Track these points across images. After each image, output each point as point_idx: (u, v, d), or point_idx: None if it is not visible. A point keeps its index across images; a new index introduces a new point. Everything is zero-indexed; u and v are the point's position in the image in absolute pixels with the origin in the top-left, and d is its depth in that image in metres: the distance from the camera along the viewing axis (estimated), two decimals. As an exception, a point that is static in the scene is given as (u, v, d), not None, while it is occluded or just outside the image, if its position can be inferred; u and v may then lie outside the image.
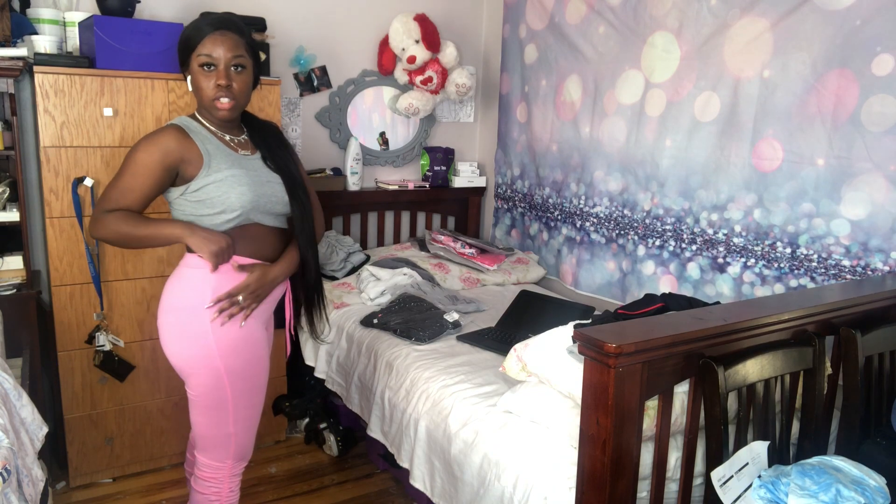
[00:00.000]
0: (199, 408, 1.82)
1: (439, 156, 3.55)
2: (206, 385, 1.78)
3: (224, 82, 1.71)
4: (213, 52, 1.70)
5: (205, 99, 1.74)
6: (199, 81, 1.72)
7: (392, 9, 3.27)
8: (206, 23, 1.73)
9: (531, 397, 1.92)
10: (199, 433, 1.85)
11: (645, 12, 2.71)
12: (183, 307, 1.76)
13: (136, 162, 1.69)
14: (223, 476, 1.86)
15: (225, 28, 1.72)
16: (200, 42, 1.70)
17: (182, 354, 1.78)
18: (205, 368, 1.77)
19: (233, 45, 1.72)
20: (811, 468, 1.46)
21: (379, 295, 2.88)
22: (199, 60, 1.70)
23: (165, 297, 1.82)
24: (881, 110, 2.04)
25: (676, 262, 2.71)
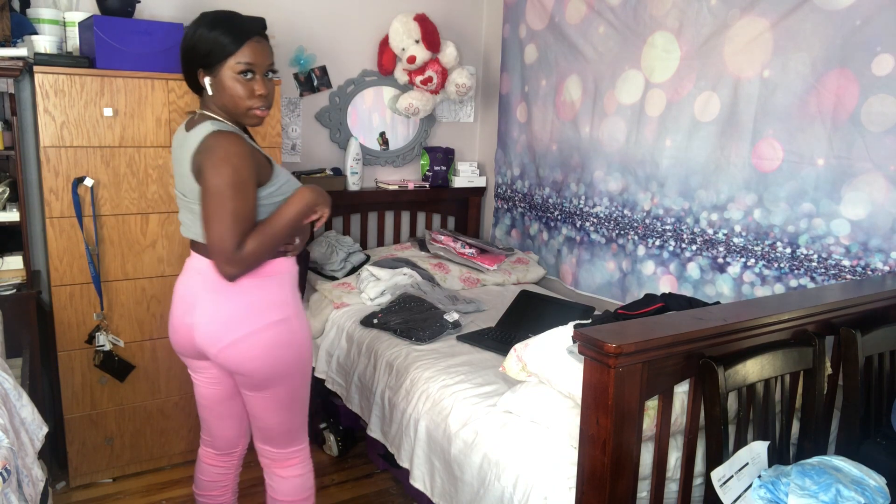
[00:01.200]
0: (287, 406, 1.83)
1: (439, 156, 3.55)
2: (297, 384, 1.82)
3: (264, 91, 1.66)
4: (253, 60, 1.64)
5: (239, 107, 1.66)
6: (234, 88, 1.64)
7: (392, 9, 3.27)
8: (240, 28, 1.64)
9: (531, 397, 1.92)
10: (286, 428, 1.86)
11: (645, 12, 2.71)
12: (276, 320, 1.73)
13: (243, 182, 1.57)
14: (308, 452, 1.94)
15: (259, 36, 1.68)
16: (240, 49, 1.62)
17: (278, 364, 1.75)
18: (298, 369, 1.80)
19: (267, 52, 1.69)
20: (811, 468, 1.46)
21: (379, 295, 2.88)
22: (238, 68, 1.63)
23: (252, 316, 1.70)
24: (881, 110, 2.04)
25: (676, 262, 2.71)
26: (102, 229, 2.46)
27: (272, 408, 1.82)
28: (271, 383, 1.77)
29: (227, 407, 1.93)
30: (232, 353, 1.71)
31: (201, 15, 1.68)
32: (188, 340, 1.77)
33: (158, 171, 2.51)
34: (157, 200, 2.52)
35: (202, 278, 1.71)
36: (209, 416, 1.96)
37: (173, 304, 1.82)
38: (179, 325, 1.78)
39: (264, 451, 1.92)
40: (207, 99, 1.70)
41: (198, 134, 1.62)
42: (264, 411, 1.82)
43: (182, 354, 1.86)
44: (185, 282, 1.79)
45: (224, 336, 1.70)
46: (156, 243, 2.55)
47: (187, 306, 1.75)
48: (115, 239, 2.48)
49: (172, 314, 1.81)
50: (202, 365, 1.85)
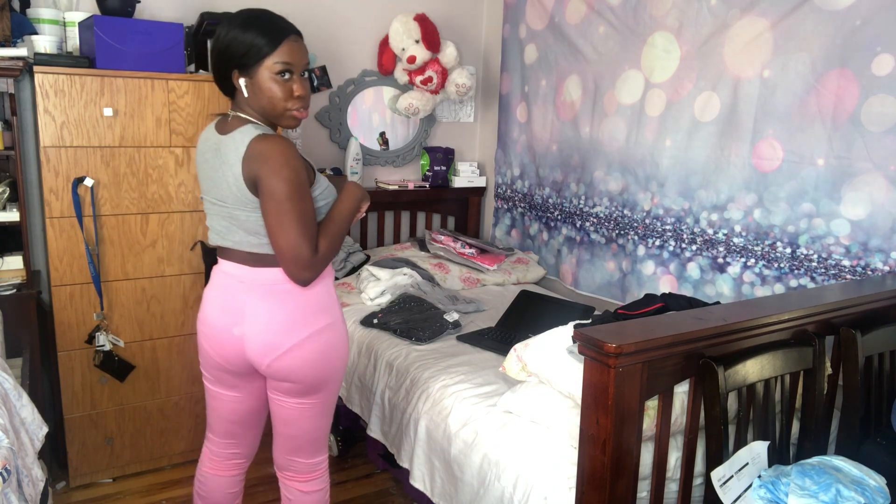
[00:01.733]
0: (326, 411, 1.79)
1: (439, 156, 3.55)
2: (337, 388, 1.79)
3: (303, 92, 1.62)
4: (291, 59, 1.59)
5: (277, 108, 1.61)
6: (272, 89, 1.58)
7: (392, 9, 3.27)
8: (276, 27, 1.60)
9: (531, 397, 1.92)
10: (318, 435, 1.81)
11: (645, 12, 2.71)
12: (332, 321, 1.71)
13: (304, 184, 1.55)
14: (327, 464, 1.89)
15: (296, 34, 1.64)
16: (277, 48, 1.57)
17: (331, 367, 1.72)
18: (343, 371, 1.78)
19: (304, 52, 1.64)
20: (811, 468, 1.46)
21: (379, 295, 2.88)
22: (276, 68, 1.57)
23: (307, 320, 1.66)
24: (881, 110, 2.04)
25: (676, 262, 2.71)
26: (102, 229, 2.46)
27: (310, 415, 1.76)
28: (319, 388, 1.72)
29: (259, 417, 1.89)
30: (287, 361, 1.66)
31: (233, 15, 1.63)
32: (237, 353, 1.69)
33: (158, 171, 2.51)
34: (157, 200, 2.52)
35: (247, 286, 1.65)
36: (238, 429, 1.87)
37: (211, 316, 1.71)
38: (226, 339, 1.68)
39: (290, 463, 1.84)
40: (241, 101, 1.63)
41: (241, 138, 1.56)
42: (301, 418, 1.76)
43: (224, 370, 1.75)
44: (225, 292, 1.69)
45: (281, 343, 1.64)
46: (156, 243, 2.55)
47: (235, 317, 1.66)
48: (115, 239, 2.48)
49: (213, 327, 1.71)
50: (243, 381, 1.77)
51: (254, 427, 1.91)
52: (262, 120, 1.64)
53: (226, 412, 1.84)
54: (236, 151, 1.55)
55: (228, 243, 1.66)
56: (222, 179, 1.59)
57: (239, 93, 1.62)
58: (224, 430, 1.88)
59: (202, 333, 1.76)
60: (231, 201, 1.60)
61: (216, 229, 1.69)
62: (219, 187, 1.62)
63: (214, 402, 1.85)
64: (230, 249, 1.67)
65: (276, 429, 1.82)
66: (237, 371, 1.73)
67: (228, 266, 1.69)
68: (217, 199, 1.64)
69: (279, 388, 1.72)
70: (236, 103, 1.66)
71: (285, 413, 1.76)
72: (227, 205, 1.62)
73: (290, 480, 1.86)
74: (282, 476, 1.88)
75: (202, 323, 1.75)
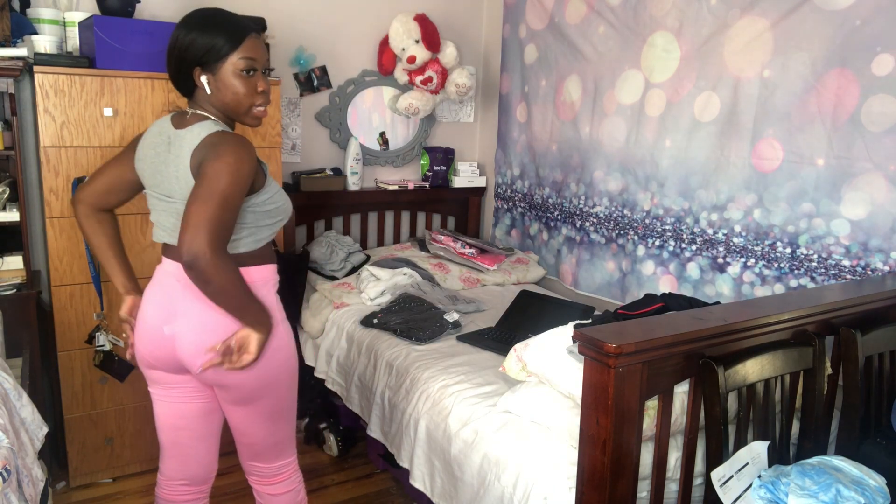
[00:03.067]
0: (274, 417, 1.73)
1: (439, 156, 3.55)
2: (284, 393, 1.72)
3: (266, 87, 1.61)
4: (255, 55, 1.58)
5: (242, 105, 1.60)
6: (236, 86, 1.57)
7: (392, 9, 3.27)
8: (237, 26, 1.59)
9: (531, 397, 1.92)
10: (272, 441, 1.76)
11: (645, 12, 2.71)
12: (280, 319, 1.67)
13: (243, 175, 1.48)
14: (296, 465, 1.85)
15: (255, 31, 1.62)
16: (241, 44, 1.56)
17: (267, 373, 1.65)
18: (287, 377, 1.71)
19: (264, 49, 1.63)
20: (811, 468, 1.46)
21: (379, 295, 2.88)
22: (240, 65, 1.56)
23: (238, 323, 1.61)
24: (881, 110, 2.04)
25: (676, 262, 2.71)
26: (102, 229, 2.45)
27: (259, 421, 1.71)
28: (260, 394, 1.66)
29: (207, 424, 1.79)
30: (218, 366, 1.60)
31: (188, 16, 1.60)
32: (168, 353, 1.64)
33: (158, 171, 2.51)
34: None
35: (182, 285, 1.57)
36: (186, 440, 1.78)
37: (146, 313, 1.67)
38: (156, 336, 1.64)
39: (252, 468, 1.81)
40: (202, 98, 1.61)
41: (199, 131, 1.54)
42: (251, 425, 1.71)
43: (154, 368, 1.70)
44: (160, 289, 1.65)
45: (211, 343, 1.58)
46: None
47: (166, 315, 1.62)
48: (115, 239, 2.48)
49: (146, 324, 1.66)
50: (179, 380, 1.70)
51: (204, 439, 1.80)
52: (223, 118, 1.62)
53: (171, 417, 1.76)
54: (190, 144, 1.53)
55: (171, 240, 1.62)
56: (172, 173, 1.56)
57: (200, 90, 1.60)
58: (170, 442, 1.80)
59: (135, 331, 1.71)
60: (179, 196, 1.56)
61: (163, 225, 1.65)
62: (168, 181, 1.58)
63: (157, 409, 1.78)
64: (171, 246, 1.63)
65: (234, 435, 1.78)
66: (171, 370, 1.68)
67: (169, 265, 1.64)
68: (165, 194, 1.60)
69: (220, 395, 1.69)
70: (195, 101, 1.62)
71: (234, 421, 1.72)
72: (174, 200, 1.58)
73: (257, 484, 1.84)
74: (250, 480, 1.86)
75: (137, 320, 1.71)
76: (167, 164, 1.58)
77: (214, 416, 1.79)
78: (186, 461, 1.81)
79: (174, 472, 1.83)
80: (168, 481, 1.85)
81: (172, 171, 1.56)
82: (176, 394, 1.74)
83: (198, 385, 1.72)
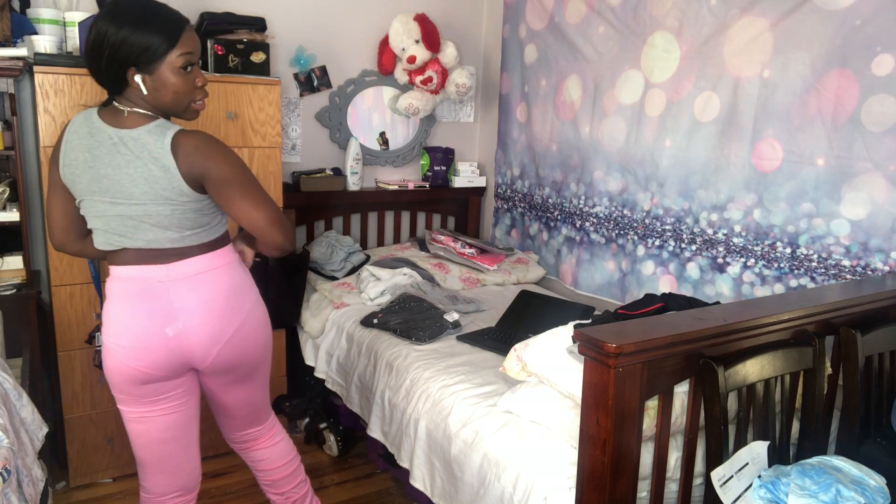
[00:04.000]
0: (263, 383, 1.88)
1: (439, 156, 3.55)
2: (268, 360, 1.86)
3: (203, 82, 1.60)
4: (192, 49, 1.54)
5: (181, 102, 1.57)
6: (175, 84, 1.53)
7: (392, 9, 3.27)
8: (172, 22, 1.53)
9: (531, 397, 1.92)
10: (264, 402, 1.92)
11: (645, 12, 2.71)
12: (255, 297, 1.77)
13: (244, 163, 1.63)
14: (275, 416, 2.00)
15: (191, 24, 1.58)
16: (180, 40, 1.51)
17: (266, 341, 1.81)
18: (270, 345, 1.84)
19: (198, 40, 1.59)
20: (811, 468, 1.46)
21: (379, 295, 2.88)
22: (179, 62, 1.52)
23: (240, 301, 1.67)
24: (881, 110, 2.04)
25: (676, 262, 2.71)
26: (102, 229, 2.45)
27: (257, 388, 1.85)
28: (259, 366, 1.80)
29: (191, 430, 1.78)
30: (232, 347, 1.67)
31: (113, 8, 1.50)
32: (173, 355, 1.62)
33: (158, 171, 2.50)
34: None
35: (167, 284, 1.58)
36: (174, 451, 1.75)
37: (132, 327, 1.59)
38: (158, 343, 1.60)
39: (247, 436, 1.93)
40: (134, 97, 1.54)
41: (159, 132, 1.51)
42: (251, 396, 1.84)
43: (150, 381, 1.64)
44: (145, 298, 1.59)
45: (225, 329, 1.64)
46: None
47: (163, 319, 1.59)
48: (115, 239, 2.48)
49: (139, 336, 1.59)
50: (174, 385, 1.68)
51: (191, 447, 1.80)
52: (159, 114, 1.57)
53: (155, 432, 1.71)
54: (158, 147, 1.50)
55: (136, 243, 1.57)
56: (133, 174, 1.51)
57: (133, 88, 1.53)
58: (159, 459, 1.75)
59: (117, 352, 1.62)
60: (145, 198, 1.52)
61: (116, 231, 1.57)
62: (122, 183, 1.52)
63: (139, 428, 1.72)
64: (132, 251, 1.58)
65: (224, 416, 1.87)
66: (169, 376, 1.65)
67: (135, 270, 1.59)
68: (118, 197, 1.53)
69: (221, 380, 1.74)
70: (126, 98, 1.55)
71: (234, 400, 1.81)
72: (135, 202, 1.53)
73: (253, 449, 1.94)
74: (243, 448, 1.93)
75: (115, 340, 1.61)
76: (122, 166, 1.52)
77: (195, 422, 1.82)
78: (177, 472, 1.78)
79: (164, 487, 1.78)
80: (158, 498, 1.79)
81: (133, 172, 1.51)
82: (164, 406, 1.70)
83: (186, 389, 1.73)
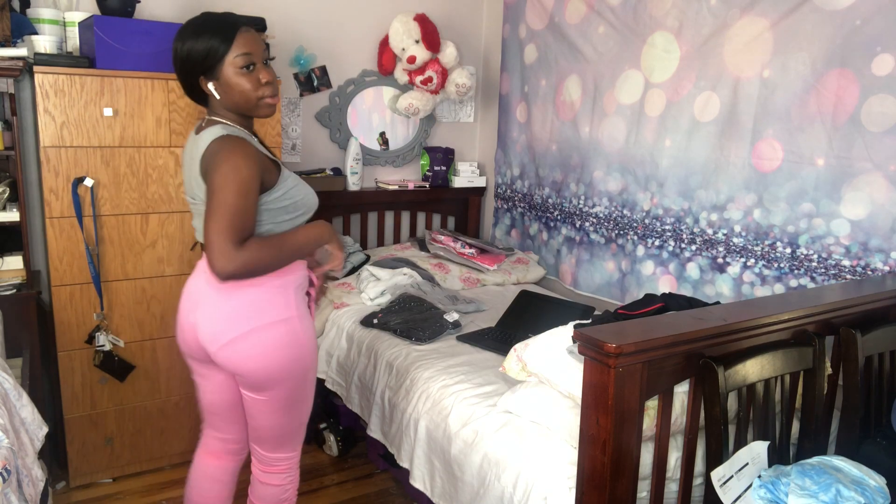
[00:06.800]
0: (283, 409, 1.80)
1: (439, 156, 3.55)
2: (295, 387, 1.78)
3: (270, 78, 1.67)
4: (250, 49, 1.63)
5: (250, 100, 1.66)
6: (240, 84, 1.64)
7: (392, 9, 3.27)
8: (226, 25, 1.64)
9: (531, 397, 1.92)
10: (278, 433, 1.84)
11: (645, 12, 2.71)
12: (276, 320, 1.71)
13: (244, 180, 1.54)
14: (294, 463, 1.91)
15: (246, 25, 1.68)
16: (234, 43, 1.62)
17: (279, 365, 1.73)
18: (298, 372, 1.77)
19: (259, 40, 1.69)
20: (811, 468, 1.46)
21: (379, 295, 2.88)
22: (238, 62, 1.62)
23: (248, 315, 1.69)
24: (881, 110, 2.04)
25: (676, 262, 2.71)
26: (102, 229, 2.46)
27: (267, 410, 1.79)
28: (269, 385, 1.74)
29: (238, 411, 1.90)
30: (230, 352, 1.70)
31: (180, 28, 1.67)
32: (193, 339, 1.75)
33: (158, 171, 2.51)
34: (157, 200, 2.52)
35: (205, 278, 1.70)
36: (218, 422, 1.93)
37: (181, 302, 1.80)
38: (185, 324, 1.77)
39: (253, 449, 1.91)
40: (215, 105, 1.69)
41: (206, 138, 1.62)
42: (260, 413, 1.80)
43: (189, 356, 1.83)
44: (193, 280, 1.79)
45: (223, 333, 1.68)
46: (156, 243, 2.55)
47: (192, 304, 1.75)
48: (115, 239, 2.48)
49: (179, 312, 1.80)
50: (205, 369, 1.82)
51: (234, 422, 1.93)
52: (237, 119, 1.70)
53: (204, 402, 1.91)
54: (200, 150, 1.62)
55: (200, 237, 1.72)
56: (194, 177, 1.66)
57: (211, 97, 1.68)
58: (208, 420, 1.95)
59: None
60: (199, 198, 1.66)
61: (196, 226, 1.77)
62: (191, 185, 1.70)
63: (198, 392, 1.92)
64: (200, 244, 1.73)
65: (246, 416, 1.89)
66: (198, 358, 1.80)
67: (202, 260, 1.77)
68: (191, 196, 1.73)
69: (237, 379, 1.79)
70: (210, 108, 1.72)
71: (246, 405, 1.83)
72: (197, 202, 1.69)
73: (254, 466, 1.93)
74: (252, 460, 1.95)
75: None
76: (190, 170, 1.70)
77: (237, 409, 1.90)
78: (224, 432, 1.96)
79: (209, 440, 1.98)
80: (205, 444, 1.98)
81: (193, 175, 1.67)
82: (209, 385, 1.86)
83: (225, 378, 1.83)
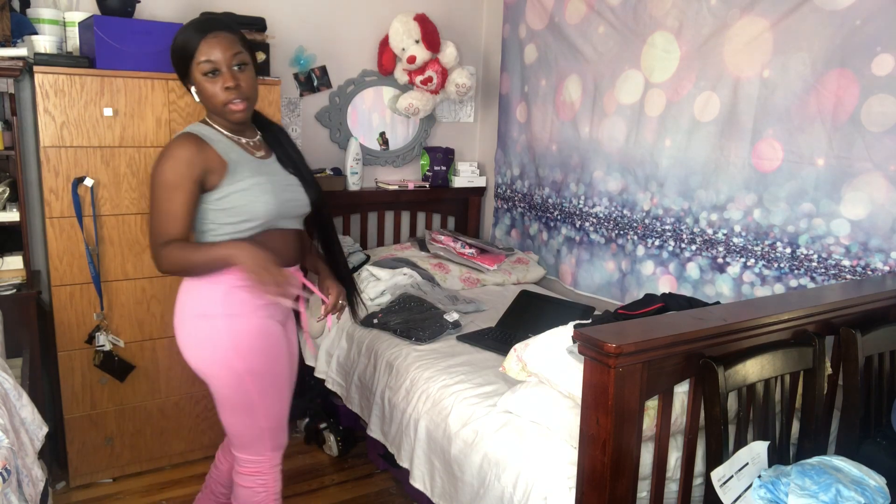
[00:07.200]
0: (227, 408, 1.83)
1: (439, 156, 3.55)
2: (229, 386, 1.78)
3: (231, 84, 1.67)
4: (211, 57, 1.65)
5: (217, 105, 1.70)
6: (207, 89, 1.68)
7: (392, 9, 3.27)
8: (194, 30, 1.67)
9: (531, 397, 1.92)
10: (232, 432, 1.86)
11: (645, 12, 2.71)
12: (198, 314, 1.75)
13: (166, 185, 1.63)
14: (265, 468, 1.88)
15: (216, 30, 1.67)
16: (196, 49, 1.65)
17: (201, 359, 1.78)
18: (225, 370, 1.76)
19: (228, 44, 1.67)
20: (811, 468, 1.46)
21: (379, 295, 2.88)
22: (201, 69, 1.66)
23: (180, 305, 1.79)
24: (881, 110, 2.04)
25: (676, 262, 2.71)
26: (102, 229, 2.46)
27: (218, 405, 1.84)
28: (203, 378, 1.81)
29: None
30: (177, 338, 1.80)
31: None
32: None
33: (158, 171, 2.51)
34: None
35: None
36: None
37: None
38: None
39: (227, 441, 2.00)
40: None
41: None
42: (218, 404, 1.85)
43: None
44: None
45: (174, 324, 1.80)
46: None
47: None
48: (115, 239, 2.48)
49: None
50: None
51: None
52: (220, 119, 1.76)
53: None
54: None
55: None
56: None
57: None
58: None
59: None
60: None
61: None
62: None
63: None
64: None
65: None
66: None
67: None
68: None
69: None
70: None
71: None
72: None
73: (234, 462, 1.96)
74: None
75: None
76: None
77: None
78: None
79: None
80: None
81: None
82: None
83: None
